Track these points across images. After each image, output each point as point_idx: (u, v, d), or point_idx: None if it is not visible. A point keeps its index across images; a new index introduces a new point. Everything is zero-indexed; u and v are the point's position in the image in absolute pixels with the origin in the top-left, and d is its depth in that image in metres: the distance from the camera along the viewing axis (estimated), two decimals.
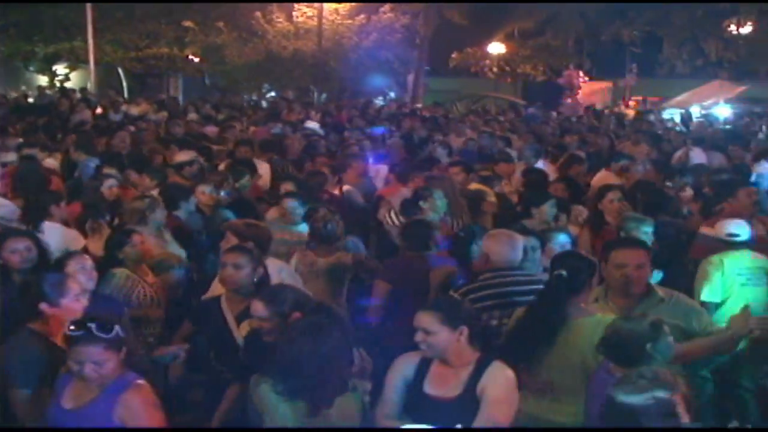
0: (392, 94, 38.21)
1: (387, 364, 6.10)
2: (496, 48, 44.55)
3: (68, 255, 7.46)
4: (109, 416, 5.32)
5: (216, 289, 7.59)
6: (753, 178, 13.72)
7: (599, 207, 10.52)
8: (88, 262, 7.29)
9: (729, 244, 8.73)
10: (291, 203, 10.27)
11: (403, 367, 5.85)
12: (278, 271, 8.12)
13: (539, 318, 6.48)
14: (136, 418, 5.33)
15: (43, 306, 6.10)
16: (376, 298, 8.55)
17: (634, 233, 8.82)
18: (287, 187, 11.46)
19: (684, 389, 4.40)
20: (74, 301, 6.19)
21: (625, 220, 9.32)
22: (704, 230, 9.87)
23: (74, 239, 9.27)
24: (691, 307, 6.72)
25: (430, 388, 5.76)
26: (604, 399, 5.03)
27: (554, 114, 34.35)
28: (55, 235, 9.01)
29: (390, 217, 10.93)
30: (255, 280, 7.07)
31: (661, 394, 4.45)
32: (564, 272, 6.47)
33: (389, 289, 8.51)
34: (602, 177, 13.81)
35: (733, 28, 35.96)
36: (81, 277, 6.87)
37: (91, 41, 31.94)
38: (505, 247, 7.64)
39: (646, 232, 9.00)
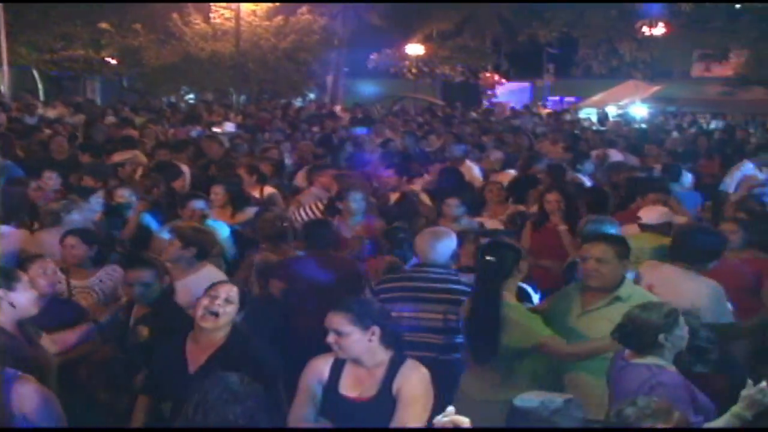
0: (312, 96, 38.16)
1: (292, 363, 6.14)
2: (415, 49, 44.65)
3: (30, 259, 7.28)
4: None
5: None
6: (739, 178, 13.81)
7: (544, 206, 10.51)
8: (50, 266, 7.17)
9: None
10: (197, 204, 10.10)
11: (317, 369, 5.81)
12: (211, 280, 8.00)
13: (481, 304, 6.68)
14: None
15: None
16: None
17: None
18: (217, 190, 11.23)
19: (679, 419, 4.36)
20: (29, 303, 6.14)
21: (588, 222, 9.36)
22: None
23: (35, 243, 9.01)
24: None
25: (345, 389, 5.74)
26: (615, 383, 5.72)
27: (473, 114, 34.61)
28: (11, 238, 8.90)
29: (299, 215, 11.05)
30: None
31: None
32: (493, 258, 6.70)
33: (284, 289, 8.39)
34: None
35: (646, 29, 36.35)
36: (41, 281, 6.83)
37: (3, 43, 31.35)
38: (426, 244, 7.76)
39: (609, 231, 8.91)
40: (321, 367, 5.81)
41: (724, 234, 8.61)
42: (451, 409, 4.40)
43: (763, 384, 5.41)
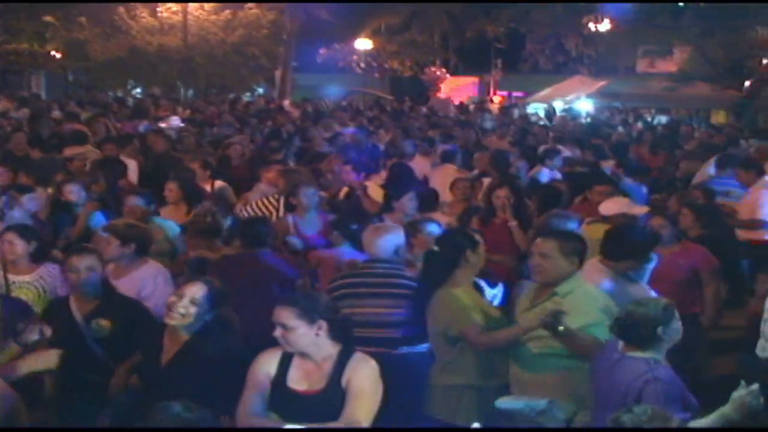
0: (260, 90, 38.04)
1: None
2: (363, 44, 44.67)
3: None
4: None
5: None
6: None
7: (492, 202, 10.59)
8: None
9: None
10: (136, 201, 10.01)
11: (265, 363, 5.81)
12: (154, 275, 8.06)
13: (424, 291, 7.12)
14: None
15: None
16: None
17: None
18: (170, 186, 11.22)
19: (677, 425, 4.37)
20: None
21: (549, 217, 9.43)
22: None
23: None
24: (579, 307, 6.52)
25: (294, 383, 5.76)
26: (607, 374, 5.84)
27: (423, 109, 34.69)
28: None
29: (245, 212, 11.10)
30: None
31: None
32: (436, 248, 7.11)
33: None
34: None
35: (591, 25, 36.59)
36: None
37: None
38: (370, 239, 7.87)
39: (571, 228, 9.00)
40: (269, 361, 5.82)
41: (655, 230, 8.75)
42: None
43: (755, 386, 5.51)
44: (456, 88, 46.84)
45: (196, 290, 6.25)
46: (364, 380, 5.72)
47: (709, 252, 9.39)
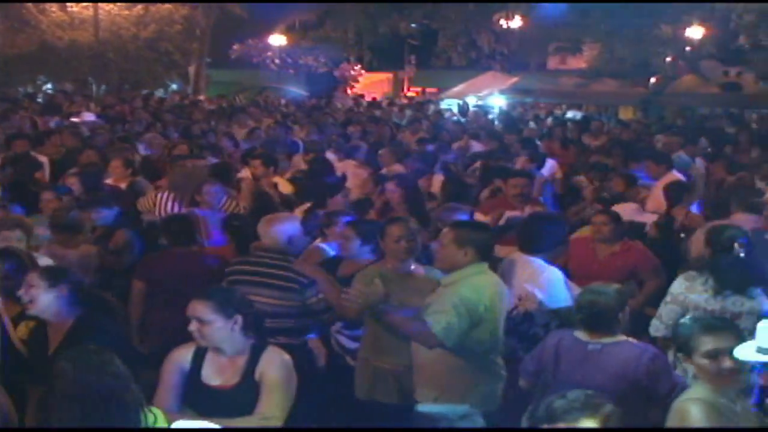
0: (174, 86, 37.71)
1: (154, 359, 6.18)
2: (278, 40, 44.51)
3: None
4: None
5: None
6: None
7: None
8: None
9: None
10: (50, 195, 10.05)
11: (179, 359, 5.80)
12: None
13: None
14: None
15: None
16: (134, 298, 8.42)
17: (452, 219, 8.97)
18: (71, 180, 11.23)
19: (609, 413, 4.25)
20: None
21: (444, 210, 9.61)
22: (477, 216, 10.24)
23: None
24: (448, 298, 6.57)
25: (208, 378, 5.76)
26: (584, 365, 6.00)
27: (338, 105, 34.70)
28: None
29: (164, 211, 10.95)
30: None
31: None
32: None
33: (145, 288, 8.41)
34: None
35: (503, 22, 36.84)
36: None
37: None
38: (262, 229, 8.03)
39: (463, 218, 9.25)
40: (182, 357, 5.80)
41: (566, 222, 9.01)
42: None
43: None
44: (370, 84, 46.91)
45: (33, 277, 6.31)
46: (278, 374, 5.75)
47: (649, 251, 9.46)
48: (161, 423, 4.95)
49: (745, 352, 4.72)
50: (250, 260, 8.05)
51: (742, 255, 7.68)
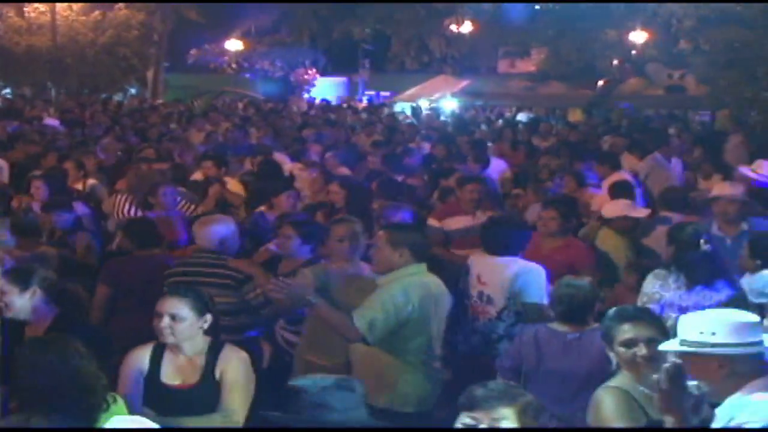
0: (133, 90, 37.56)
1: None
2: (234, 45, 44.41)
3: None
4: None
5: None
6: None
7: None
8: None
9: None
10: None
11: (136, 360, 5.78)
12: None
13: None
14: None
15: None
16: (97, 302, 8.26)
17: (393, 219, 9.07)
18: (37, 184, 11.09)
19: (527, 403, 4.23)
20: None
21: (384, 208, 9.64)
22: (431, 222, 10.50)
23: None
24: (378, 296, 6.58)
25: (167, 377, 5.76)
26: (566, 355, 6.19)
27: (294, 108, 34.70)
28: None
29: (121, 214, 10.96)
30: None
31: None
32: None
33: (110, 293, 8.27)
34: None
35: (454, 27, 36.98)
36: None
37: None
38: (197, 230, 8.19)
39: (404, 218, 9.31)
40: (140, 358, 5.79)
41: (529, 224, 9.10)
42: None
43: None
44: (326, 88, 46.91)
45: (3, 284, 6.34)
46: (237, 371, 5.77)
47: (589, 249, 9.49)
48: (120, 410, 4.95)
49: (670, 343, 4.73)
50: (188, 261, 8.11)
51: (708, 249, 7.76)
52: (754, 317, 4.60)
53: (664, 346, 4.76)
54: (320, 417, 4.20)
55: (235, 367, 5.80)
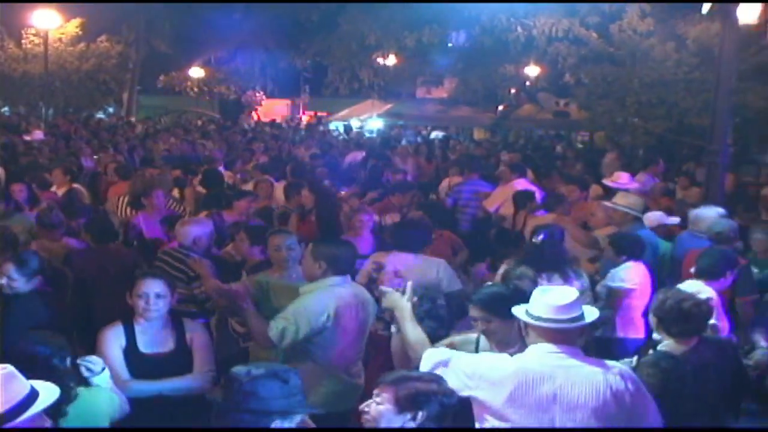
0: (111, 109, 37.19)
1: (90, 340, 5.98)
2: (196, 72, 44.17)
3: None
4: None
5: None
6: None
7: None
8: None
9: None
10: None
11: (113, 336, 5.70)
12: None
13: None
14: None
15: None
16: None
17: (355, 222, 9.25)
18: (20, 188, 11.05)
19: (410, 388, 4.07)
20: None
21: (353, 211, 9.80)
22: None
23: None
24: (294, 305, 6.15)
25: (145, 347, 5.71)
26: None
27: (245, 125, 34.64)
28: None
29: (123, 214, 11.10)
30: None
31: None
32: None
33: (75, 277, 8.06)
34: None
35: (380, 60, 37.05)
36: None
37: None
38: (179, 229, 8.26)
39: (364, 220, 9.43)
40: (115, 335, 5.70)
41: (427, 223, 9.22)
42: None
43: None
44: (272, 109, 46.80)
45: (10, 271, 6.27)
46: (204, 336, 5.93)
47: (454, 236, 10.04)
48: (90, 397, 4.72)
49: (518, 310, 4.72)
50: (166, 252, 8.17)
51: (538, 243, 7.71)
52: (563, 299, 4.59)
53: (514, 311, 4.76)
54: (245, 404, 3.83)
55: (201, 334, 5.89)
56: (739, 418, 7.23)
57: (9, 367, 3.68)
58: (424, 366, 4.63)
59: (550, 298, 4.58)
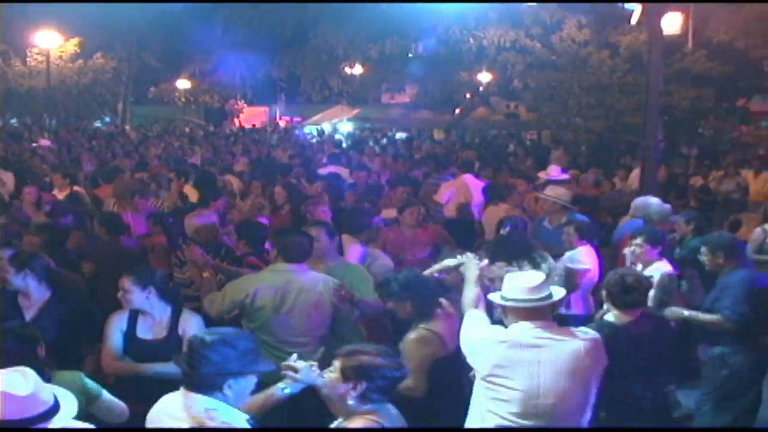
0: (107, 119, 36.96)
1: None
2: (183, 83, 43.91)
3: None
4: None
5: None
6: None
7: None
8: None
9: None
10: None
11: (117, 321, 5.75)
12: None
13: None
14: None
15: None
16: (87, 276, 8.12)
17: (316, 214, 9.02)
18: (29, 191, 10.85)
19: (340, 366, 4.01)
20: None
21: (313, 204, 9.53)
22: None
23: None
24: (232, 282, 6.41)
25: (142, 333, 5.73)
26: None
27: (227, 130, 34.53)
28: None
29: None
30: None
31: None
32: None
33: (94, 268, 8.10)
34: None
35: (348, 69, 37.10)
36: None
37: None
38: (185, 221, 8.17)
39: (322, 212, 9.11)
40: (120, 319, 5.76)
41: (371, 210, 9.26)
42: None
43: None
44: (252, 115, 46.65)
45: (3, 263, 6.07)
46: (195, 328, 5.69)
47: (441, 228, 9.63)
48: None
49: (494, 296, 4.87)
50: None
51: (505, 235, 7.80)
52: (533, 281, 4.72)
53: (490, 296, 4.96)
54: (201, 368, 3.87)
55: (193, 325, 5.74)
56: (678, 384, 7.48)
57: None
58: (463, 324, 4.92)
59: (521, 282, 4.73)
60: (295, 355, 4.42)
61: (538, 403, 4.51)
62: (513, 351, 4.56)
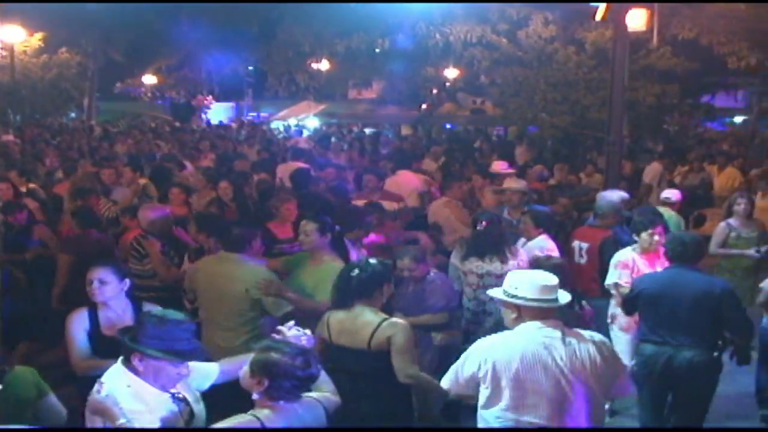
0: (73, 114, 36.53)
1: None
2: (149, 79, 43.55)
3: None
4: None
5: None
6: None
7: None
8: None
9: None
10: None
11: (79, 321, 5.63)
12: None
13: None
14: None
15: None
16: (62, 269, 8.22)
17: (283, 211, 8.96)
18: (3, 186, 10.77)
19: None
20: None
21: (281, 201, 9.48)
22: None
23: None
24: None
25: (106, 330, 5.59)
26: None
27: (194, 126, 34.30)
28: None
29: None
30: None
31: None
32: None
33: (72, 260, 8.11)
34: None
35: (314, 65, 37.00)
36: None
37: None
38: (139, 214, 8.34)
39: (290, 209, 9.02)
40: (81, 319, 5.63)
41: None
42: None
43: None
44: (219, 110, 46.39)
45: None
46: None
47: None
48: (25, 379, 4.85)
49: (495, 291, 4.84)
50: (135, 237, 8.21)
51: (481, 230, 7.71)
52: (549, 281, 4.69)
53: (490, 292, 4.93)
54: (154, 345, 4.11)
55: None
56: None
57: None
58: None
59: (538, 280, 4.67)
60: (292, 322, 4.57)
61: (542, 403, 4.49)
62: (523, 350, 4.53)
